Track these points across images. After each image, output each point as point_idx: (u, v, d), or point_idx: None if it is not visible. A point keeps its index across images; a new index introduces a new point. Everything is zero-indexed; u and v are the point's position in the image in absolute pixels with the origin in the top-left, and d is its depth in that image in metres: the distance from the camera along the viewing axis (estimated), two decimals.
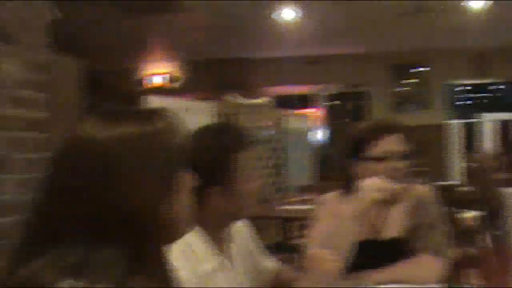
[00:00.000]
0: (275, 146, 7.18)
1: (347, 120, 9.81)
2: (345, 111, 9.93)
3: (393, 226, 2.46)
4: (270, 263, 2.31)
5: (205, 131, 1.98)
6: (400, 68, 9.45)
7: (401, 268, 2.31)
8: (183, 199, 1.21)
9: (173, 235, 1.20)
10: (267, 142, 7.05)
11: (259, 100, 6.90)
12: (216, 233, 1.98)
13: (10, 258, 1.07)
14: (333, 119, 9.86)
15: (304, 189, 6.09)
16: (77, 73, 3.88)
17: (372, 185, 2.23)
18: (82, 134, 1.14)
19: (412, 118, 9.26)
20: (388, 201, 2.36)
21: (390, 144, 2.40)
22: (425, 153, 9.16)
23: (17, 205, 3.06)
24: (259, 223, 4.74)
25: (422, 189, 2.54)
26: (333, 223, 2.36)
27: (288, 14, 7.09)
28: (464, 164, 9.03)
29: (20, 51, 3.39)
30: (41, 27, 3.62)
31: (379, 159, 2.39)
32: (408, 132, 2.47)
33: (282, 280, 2.24)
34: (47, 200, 1.11)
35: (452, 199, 5.61)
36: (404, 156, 2.39)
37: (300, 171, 7.44)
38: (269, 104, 7.22)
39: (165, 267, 1.23)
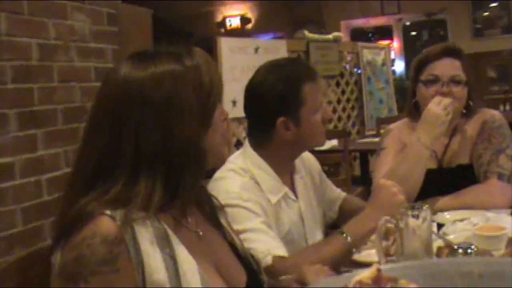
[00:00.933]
0: (350, 81, 7.13)
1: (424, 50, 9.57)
2: (422, 41, 9.67)
3: (458, 152, 2.45)
4: (335, 193, 2.36)
5: (272, 65, 2.04)
6: None
7: (469, 194, 2.29)
8: (216, 134, 1.32)
9: (204, 169, 1.31)
10: (343, 76, 7.01)
11: (330, 36, 6.80)
12: (281, 165, 2.04)
13: (62, 200, 1.22)
14: (411, 50, 9.63)
15: (382, 121, 5.99)
16: (146, 23, 3.98)
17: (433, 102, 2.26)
18: (118, 75, 1.25)
19: (493, 43, 8.97)
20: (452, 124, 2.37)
21: (438, 68, 2.39)
22: (508, 78, 8.90)
23: None
24: (337, 156, 4.83)
25: (489, 113, 2.51)
26: (399, 151, 2.40)
27: None
28: None
29: (87, 5, 3.53)
30: None
31: (426, 82, 2.39)
32: (465, 57, 2.44)
33: (347, 209, 2.30)
34: (90, 139, 1.24)
35: None
36: (455, 81, 2.36)
37: (378, 103, 7.37)
38: (342, 38, 7.11)
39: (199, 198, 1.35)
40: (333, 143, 5.77)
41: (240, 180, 1.94)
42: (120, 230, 1.13)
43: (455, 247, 1.57)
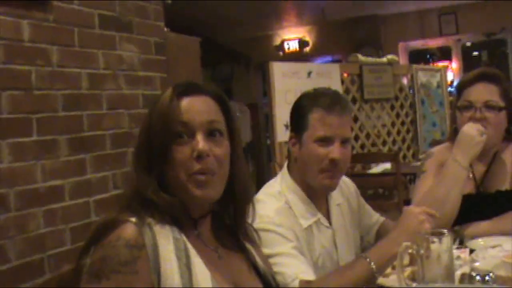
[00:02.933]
0: (404, 104, 7.07)
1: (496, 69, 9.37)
2: (482, 61, 9.50)
3: (498, 178, 2.43)
4: (374, 218, 2.37)
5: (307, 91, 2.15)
6: None
7: (505, 220, 2.26)
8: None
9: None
10: (395, 100, 6.96)
11: (384, 59, 6.78)
12: (313, 190, 2.08)
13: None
14: (470, 70, 9.47)
15: (435, 144, 5.93)
16: (193, 50, 4.09)
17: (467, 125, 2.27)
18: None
19: None
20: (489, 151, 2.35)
21: (472, 94, 2.37)
22: None
23: None
24: (390, 179, 4.79)
25: None
26: (440, 176, 2.38)
27: None
28: None
29: (136, 36, 3.67)
30: (156, 11, 3.88)
31: (461, 108, 2.38)
32: (503, 82, 2.41)
33: (383, 234, 2.28)
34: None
35: None
36: (489, 107, 2.34)
37: (431, 126, 7.29)
38: (396, 61, 7.07)
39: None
40: (386, 166, 5.75)
41: (275, 204, 1.99)
42: (142, 236, 1.28)
43: (474, 274, 1.57)
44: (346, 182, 2.31)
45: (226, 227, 1.56)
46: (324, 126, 1.99)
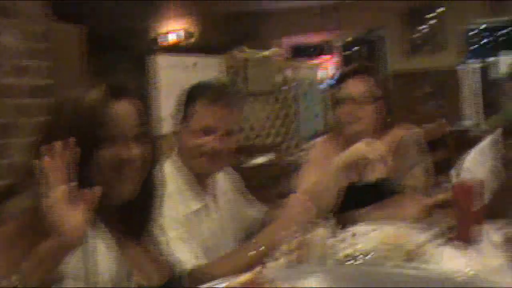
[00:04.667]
0: (287, 96, 7.25)
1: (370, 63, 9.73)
2: (360, 58, 9.88)
3: (377, 168, 2.56)
4: (255, 211, 2.45)
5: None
6: (415, 12, 9.35)
7: (384, 208, 2.42)
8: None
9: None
10: (279, 92, 7.12)
11: (267, 52, 6.92)
12: (203, 177, 2.16)
13: None
14: (357, 62, 9.79)
15: (317, 135, 6.12)
16: (78, 39, 4.02)
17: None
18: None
19: (428, 61, 9.24)
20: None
21: (350, 86, 2.51)
22: (441, 96, 9.16)
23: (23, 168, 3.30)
24: (273, 169, 4.92)
25: (405, 131, 2.64)
26: (320, 167, 2.50)
27: None
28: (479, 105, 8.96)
29: (19, 22, 3.56)
30: None
31: (339, 102, 2.51)
32: (379, 74, 2.57)
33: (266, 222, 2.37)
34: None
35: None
36: (365, 100, 2.48)
37: (313, 119, 7.52)
38: (279, 55, 7.25)
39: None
40: (269, 157, 5.89)
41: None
42: None
43: (356, 254, 1.68)
44: (229, 173, 2.40)
45: None
46: (208, 116, 2.08)
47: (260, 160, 6.01)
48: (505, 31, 9.34)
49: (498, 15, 9.03)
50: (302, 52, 10.02)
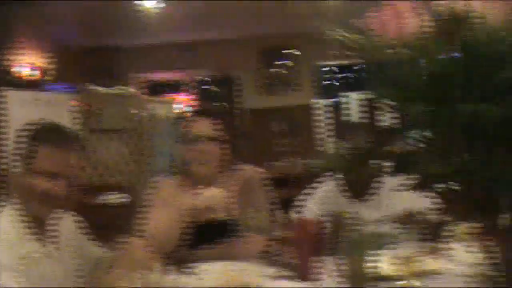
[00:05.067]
0: (142, 133, 7.20)
1: (217, 104, 9.88)
2: (216, 96, 10.03)
3: (223, 208, 2.61)
4: (96, 250, 2.40)
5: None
6: (270, 52, 9.66)
7: (226, 246, 2.48)
8: None
9: None
10: (131, 129, 7.06)
11: (117, 90, 6.87)
12: (40, 219, 2.09)
13: None
14: (204, 104, 9.92)
15: (166, 175, 6.12)
16: None
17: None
18: None
19: (283, 99, 9.57)
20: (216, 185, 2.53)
21: (198, 128, 2.57)
22: (295, 133, 9.49)
23: None
24: (126, 208, 4.85)
25: (250, 171, 2.71)
26: (165, 207, 2.51)
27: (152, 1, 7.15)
28: (332, 143, 9.33)
29: None
30: None
31: (188, 141, 2.57)
32: (226, 117, 2.65)
33: (106, 265, 2.34)
34: None
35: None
36: (212, 141, 2.55)
37: (165, 157, 7.50)
38: (133, 92, 7.21)
39: None
40: (122, 196, 5.82)
41: None
42: None
43: None
44: (71, 214, 2.34)
45: None
46: (48, 161, 2.02)
47: (113, 198, 5.92)
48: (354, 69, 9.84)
49: (348, 57, 9.49)
50: (159, 89, 10.01)
